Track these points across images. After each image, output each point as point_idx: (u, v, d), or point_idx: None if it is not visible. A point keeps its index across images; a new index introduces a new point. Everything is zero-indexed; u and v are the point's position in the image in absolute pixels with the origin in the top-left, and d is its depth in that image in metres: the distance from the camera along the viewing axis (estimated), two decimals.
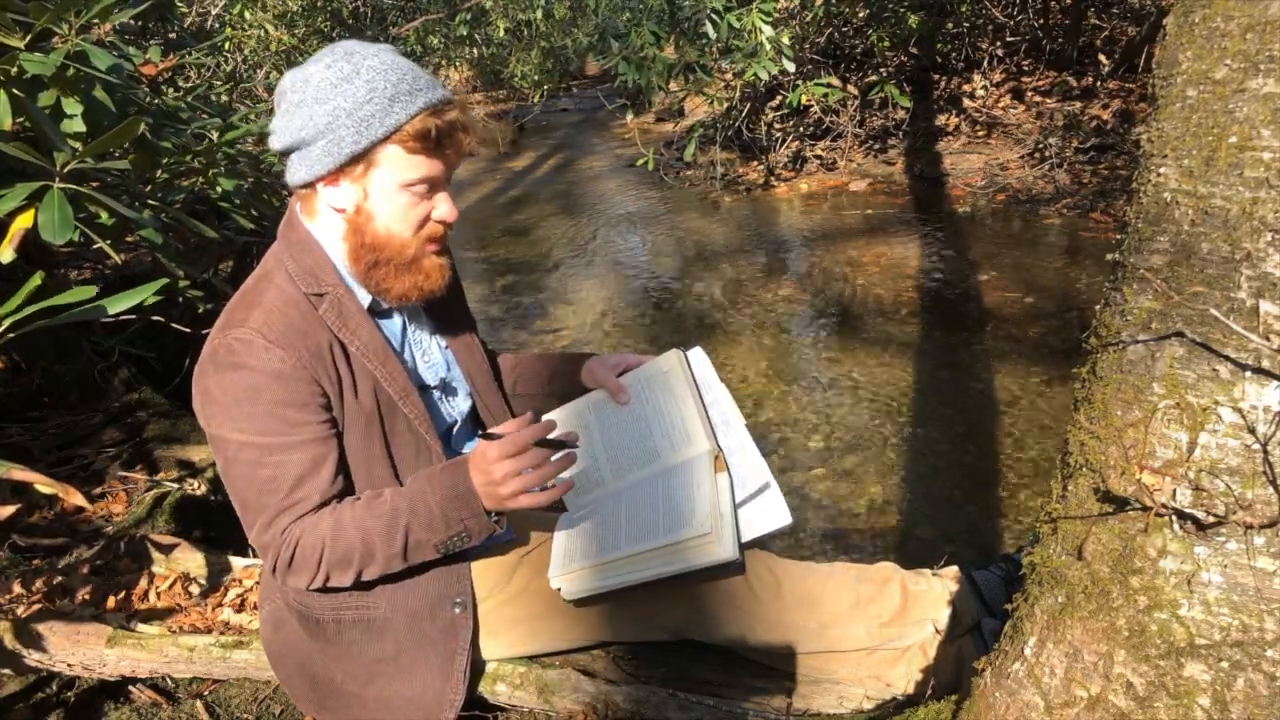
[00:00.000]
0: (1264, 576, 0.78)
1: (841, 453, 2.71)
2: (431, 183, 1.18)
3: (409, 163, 1.15)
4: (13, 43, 1.51)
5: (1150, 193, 0.82)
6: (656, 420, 1.38)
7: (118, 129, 1.44)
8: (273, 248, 1.25)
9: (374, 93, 1.11)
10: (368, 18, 7.29)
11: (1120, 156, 4.85)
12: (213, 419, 1.16)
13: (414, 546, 1.19)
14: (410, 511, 1.18)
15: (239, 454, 1.15)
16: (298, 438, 1.16)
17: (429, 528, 1.18)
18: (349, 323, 1.21)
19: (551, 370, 1.57)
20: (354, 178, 1.16)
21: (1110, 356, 0.87)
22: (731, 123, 5.86)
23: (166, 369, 2.72)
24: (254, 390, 1.13)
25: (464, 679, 1.28)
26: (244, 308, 1.17)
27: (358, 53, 1.14)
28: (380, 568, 1.21)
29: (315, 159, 1.14)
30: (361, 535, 1.17)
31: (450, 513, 1.17)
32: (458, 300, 1.46)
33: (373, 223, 1.18)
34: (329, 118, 1.11)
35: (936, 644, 1.36)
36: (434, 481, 1.19)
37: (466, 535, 1.20)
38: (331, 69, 1.12)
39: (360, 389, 1.21)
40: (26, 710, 1.55)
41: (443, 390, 1.40)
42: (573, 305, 4.10)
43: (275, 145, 1.18)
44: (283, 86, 1.16)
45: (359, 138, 1.11)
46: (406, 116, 1.12)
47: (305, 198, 1.22)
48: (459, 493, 1.17)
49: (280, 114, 1.16)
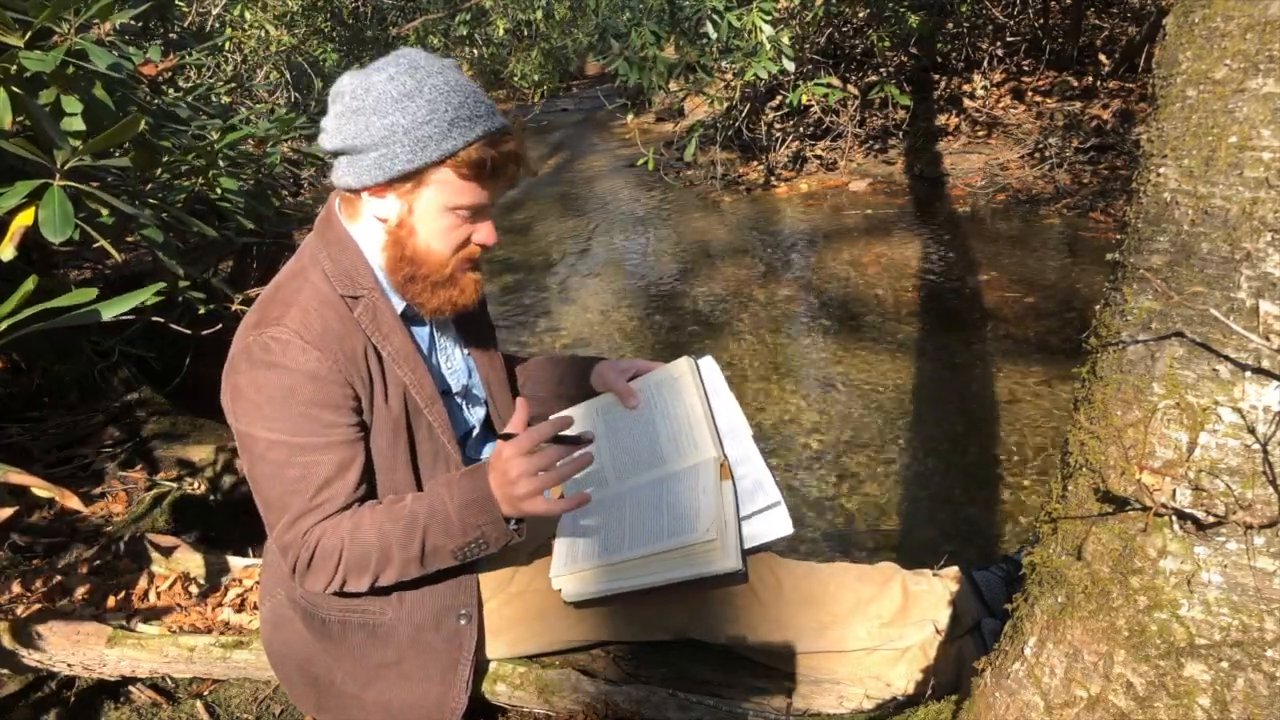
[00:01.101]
0: (1264, 576, 0.78)
1: (841, 453, 2.71)
2: (477, 209, 1.18)
3: (459, 188, 1.15)
4: (12, 41, 1.51)
5: (1150, 193, 0.82)
6: (664, 425, 1.38)
7: (118, 126, 1.44)
8: (308, 242, 1.24)
9: (434, 114, 1.10)
10: (368, 17, 7.30)
11: (1120, 156, 4.85)
12: (242, 415, 1.15)
13: (431, 552, 1.19)
14: (429, 515, 1.17)
15: (267, 452, 1.14)
16: (328, 439, 1.15)
17: (446, 533, 1.17)
18: (382, 327, 1.21)
19: (561, 372, 1.57)
20: (402, 193, 1.15)
21: (1110, 356, 0.87)
22: (731, 123, 5.86)
23: (166, 369, 2.72)
24: (289, 390, 1.12)
25: (466, 686, 1.28)
26: (280, 305, 1.16)
27: (422, 68, 1.12)
28: (397, 572, 1.20)
29: (366, 169, 1.13)
30: (379, 539, 1.17)
31: (468, 518, 1.17)
32: (482, 309, 1.46)
33: (414, 238, 1.18)
34: (386, 132, 1.10)
35: (937, 644, 1.36)
36: (453, 487, 1.19)
37: (484, 542, 1.19)
38: (394, 81, 1.11)
39: (390, 394, 1.21)
40: (26, 710, 1.55)
41: (464, 397, 1.40)
42: (573, 305, 4.10)
43: (326, 144, 1.16)
44: (341, 87, 1.14)
45: (413, 157, 1.11)
46: (464, 143, 1.11)
47: (349, 201, 1.21)
48: (477, 497, 1.16)
49: (335, 114, 1.14)
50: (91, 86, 1.66)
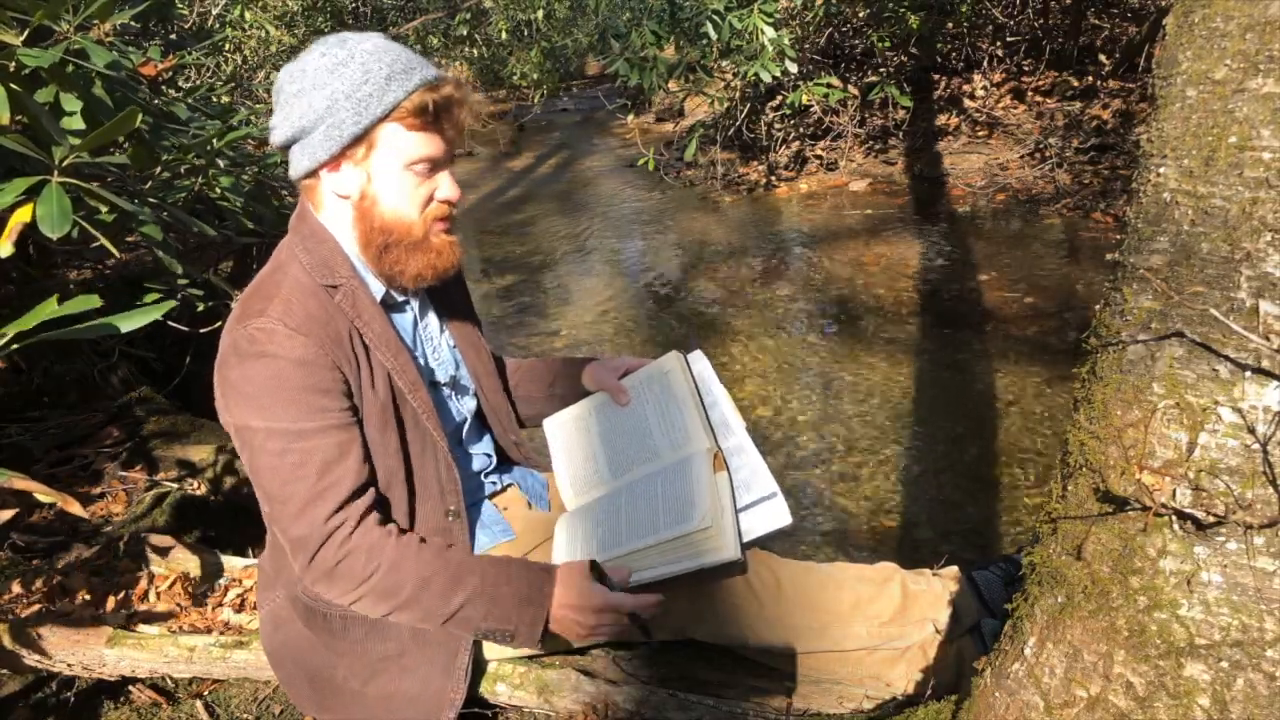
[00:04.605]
0: (1264, 576, 0.78)
1: (841, 453, 2.71)
2: (433, 161, 1.19)
3: (409, 140, 1.16)
4: (10, 39, 1.50)
5: (1150, 193, 0.82)
6: (656, 420, 1.39)
7: (116, 120, 1.44)
8: (284, 241, 1.25)
9: (369, 74, 1.12)
10: (368, 18, 7.30)
11: (1120, 156, 4.85)
12: (236, 409, 1.15)
13: (460, 619, 1.19)
14: (480, 583, 1.19)
15: (266, 442, 1.14)
16: (323, 423, 1.15)
17: (486, 612, 1.19)
18: (363, 314, 1.21)
19: (554, 373, 1.57)
20: (356, 160, 1.16)
21: (1110, 356, 0.86)
22: (732, 123, 5.86)
23: (166, 369, 2.72)
24: (278, 377, 1.12)
25: (465, 677, 1.28)
26: (261, 299, 1.16)
27: (350, 39, 1.15)
28: (415, 617, 1.20)
29: (317, 145, 1.14)
30: (418, 579, 1.17)
31: (513, 612, 1.19)
32: (464, 300, 1.46)
33: (378, 206, 1.19)
34: (328, 102, 1.12)
35: (936, 644, 1.36)
36: (514, 573, 1.21)
37: (510, 636, 1.21)
38: (325, 56, 1.14)
39: (376, 379, 1.21)
40: (26, 710, 1.55)
41: (452, 388, 1.40)
42: (573, 305, 4.09)
43: (276, 140, 1.18)
44: (279, 82, 1.17)
45: (359, 118, 1.12)
46: (404, 93, 1.13)
47: (310, 189, 1.22)
48: (533, 601, 1.19)
49: (279, 109, 1.17)
50: (90, 84, 1.66)
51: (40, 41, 1.58)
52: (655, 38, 4.54)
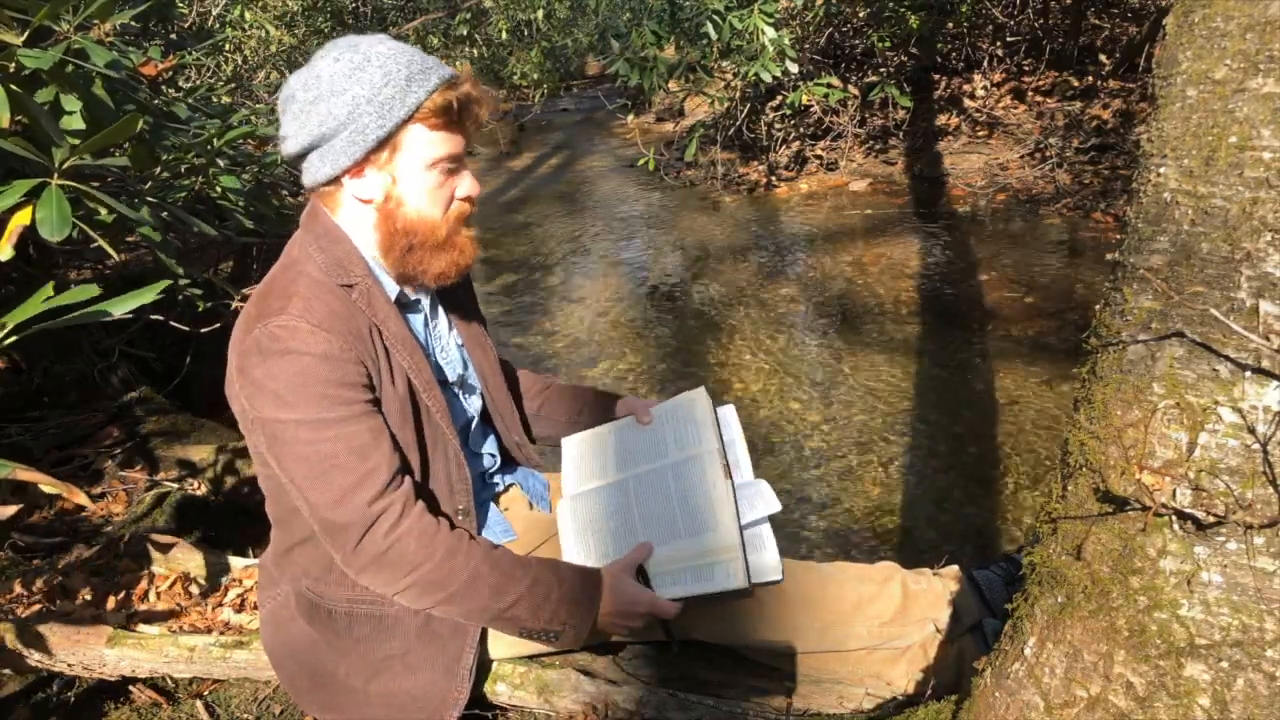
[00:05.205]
0: (1264, 576, 0.78)
1: (841, 453, 2.71)
2: (454, 159, 1.19)
3: (432, 140, 1.16)
4: (9, 39, 1.50)
5: (1150, 193, 0.82)
6: (671, 432, 1.42)
7: (116, 125, 1.43)
8: (296, 238, 1.24)
9: (389, 76, 1.11)
10: (368, 18, 7.30)
11: (1121, 156, 4.85)
12: (264, 407, 1.13)
13: (508, 617, 1.20)
14: (532, 582, 1.20)
15: (297, 433, 1.13)
16: (352, 412, 1.14)
17: (535, 613, 1.19)
18: (379, 313, 1.21)
19: (583, 403, 1.59)
20: (380, 165, 1.16)
21: (1110, 356, 0.86)
22: (732, 123, 5.85)
23: (166, 369, 2.72)
24: (304, 373, 1.11)
25: (469, 677, 1.28)
26: (280, 297, 1.15)
27: (362, 43, 1.14)
28: (460, 611, 1.20)
29: (340, 151, 1.13)
30: (471, 572, 1.17)
31: (562, 611, 1.20)
32: (470, 299, 1.46)
33: (404, 208, 1.18)
34: (349, 107, 1.11)
35: (937, 644, 1.36)
36: (564, 574, 1.22)
37: (555, 637, 1.22)
38: (340, 62, 1.12)
39: (396, 376, 1.21)
40: (27, 710, 1.55)
41: (460, 387, 1.40)
42: (573, 305, 4.09)
43: (291, 149, 1.16)
44: (290, 90, 1.15)
45: (383, 121, 1.12)
46: (425, 94, 1.13)
47: (328, 195, 1.21)
48: (582, 603, 1.20)
49: (291, 116, 1.14)
50: (90, 85, 1.65)
51: (40, 41, 1.57)
52: (655, 38, 4.54)
